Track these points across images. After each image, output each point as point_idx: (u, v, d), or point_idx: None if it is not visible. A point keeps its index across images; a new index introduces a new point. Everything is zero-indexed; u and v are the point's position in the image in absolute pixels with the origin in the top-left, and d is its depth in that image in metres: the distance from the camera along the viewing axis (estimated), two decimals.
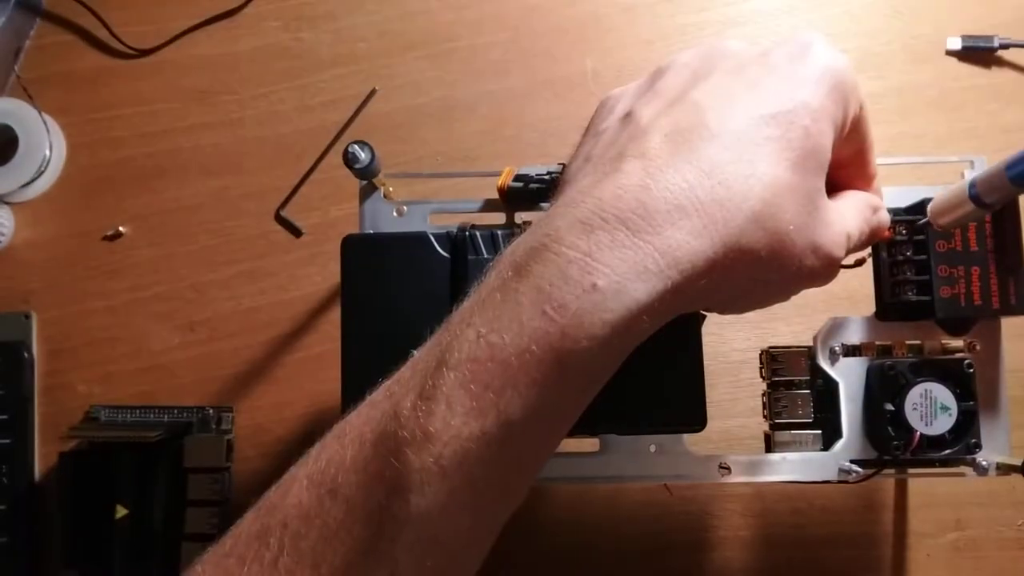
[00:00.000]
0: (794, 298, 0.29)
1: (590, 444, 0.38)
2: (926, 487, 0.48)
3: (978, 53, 0.53)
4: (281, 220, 0.53)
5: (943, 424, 0.36)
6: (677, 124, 0.27)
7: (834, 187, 0.31)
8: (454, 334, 0.25)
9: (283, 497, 0.25)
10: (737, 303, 0.29)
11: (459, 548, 0.25)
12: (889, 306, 0.38)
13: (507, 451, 0.24)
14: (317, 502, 0.25)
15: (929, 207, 0.35)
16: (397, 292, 0.27)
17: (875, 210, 0.32)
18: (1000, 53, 0.53)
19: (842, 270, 0.30)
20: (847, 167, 0.31)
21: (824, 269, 0.28)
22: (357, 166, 0.38)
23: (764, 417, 0.40)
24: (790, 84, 0.27)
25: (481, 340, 0.24)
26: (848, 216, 0.30)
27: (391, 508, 0.24)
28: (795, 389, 0.39)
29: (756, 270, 0.26)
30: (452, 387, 0.24)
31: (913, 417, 0.36)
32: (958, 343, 0.38)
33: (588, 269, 0.24)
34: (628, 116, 0.29)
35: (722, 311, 0.30)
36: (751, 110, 0.27)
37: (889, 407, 0.37)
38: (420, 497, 0.24)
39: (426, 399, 0.24)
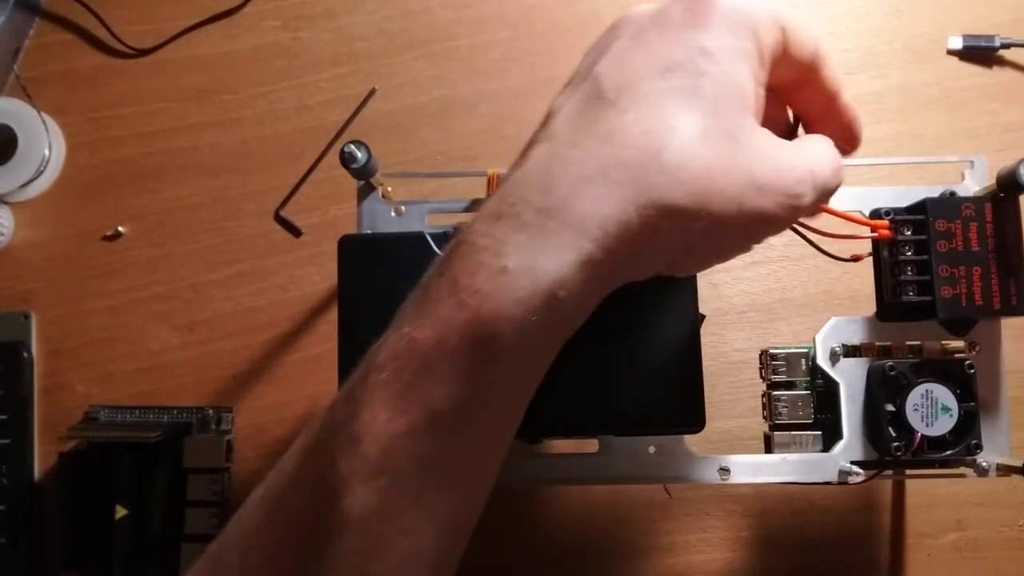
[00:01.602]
0: (795, 298, 0.29)
1: (589, 445, 0.38)
2: (926, 487, 0.48)
3: (979, 53, 0.53)
4: (280, 220, 0.53)
5: (944, 425, 0.36)
6: (579, 101, 0.27)
7: (808, 127, 0.31)
8: (385, 336, 0.26)
9: (238, 520, 0.26)
10: (685, 262, 0.28)
11: (410, 549, 0.25)
12: (890, 306, 0.38)
13: (440, 444, 0.25)
14: (265, 520, 0.26)
15: None
16: (395, 292, 0.27)
17: (831, 147, 0.30)
18: (1001, 52, 0.52)
19: (842, 270, 0.29)
20: (808, 101, 0.30)
21: (780, 207, 0.26)
22: (354, 166, 0.38)
23: (764, 418, 0.40)
24: (687, 34, 0.26)
25: (404, 338, 0.25)
26: (810, 152, 0.28)
27: (328, 516, 0.24)
28: (795, 390, 0.39)
29: (685, 225, 0.25)
30: (376, 387, 0.24)
31: (914, 418, 0.36)
32: (959, 343, 0.38)
33: (498, 253, 0.24)
34: (552, 102, 0.28)
35: (673, 272, 0.28)
36: (648, 68, 0.26)
37: (890, 408, 0.36)
38: (352, 500, 0.24)
39: (352, 403, 0.25)
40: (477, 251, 0.25)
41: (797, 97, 0.30)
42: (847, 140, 0.30)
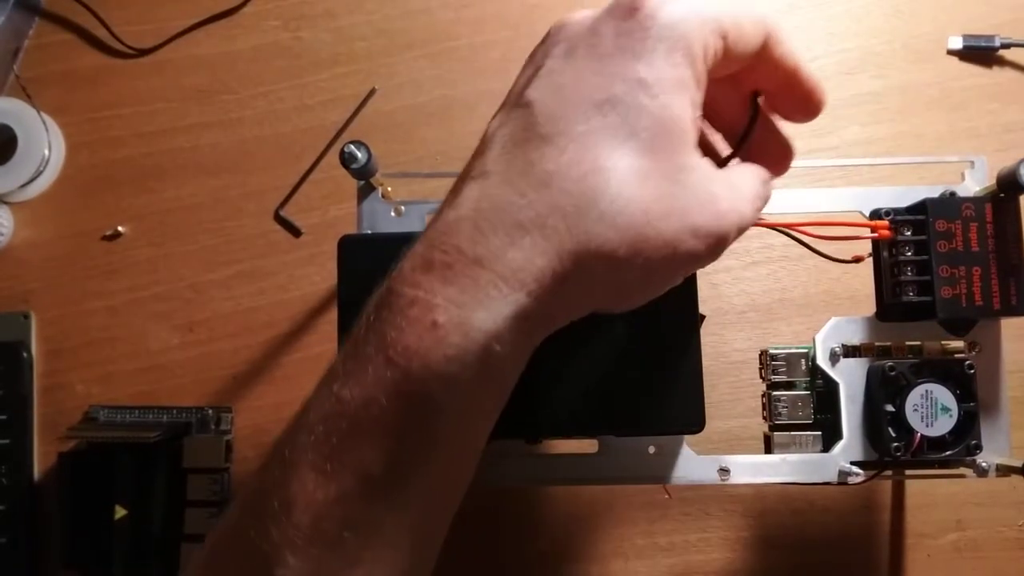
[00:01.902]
0: (795, 298, 0.29)
1: (589, 445, 0.38)
2: (926, 487, 0.48)
3: (979, 53, 0.53)
4: (280, 220, 0.53)
5: (944, 425, 0.36)
6: (512, 133, 0.25)
7: (769, 100, 0.30)
8: (315, 393, 0.25)
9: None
10: (621, 302, 0.27)
11: None
12: (890, 306, 0.38)
13: (376, 507, 0.24)
14: None
15: None
16: None
17: (764, 183, 0.29)
18: (1001, 52, 0.52)
19: (842, 270, 0.29)
20: (765, 80, 0.29)
21: (709, 250, 0.26)
22: (354, 166, 0.38)
23: (764, 418, 0.40)
24: (620, 60, 0.25)
25: (332, 397, 0.24)
26: (742, 191, 0.27)
27: None
28: (795, 390, 0.39)
29: (620, 271, 0.24)
30: (304, 449, 0.23)
31: (914, 418, 0.36)
32: (959, 344, 0.38)
33: (428, 307, 0.23)
34: (488, 125, 0.27)
35: (611, 311, 0.27)
36: (581, 102, 0.25)
37: (890, 408, 0.37)
38: (286, 571, 0.23)
39: (283, 465, 0.24)
40: (406, 304, 0.23)
41: (754, 78, 0.29)
42: (811, 109, 0.29)
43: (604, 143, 0.24)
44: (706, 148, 0.30)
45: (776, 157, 0.30)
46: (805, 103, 0.29)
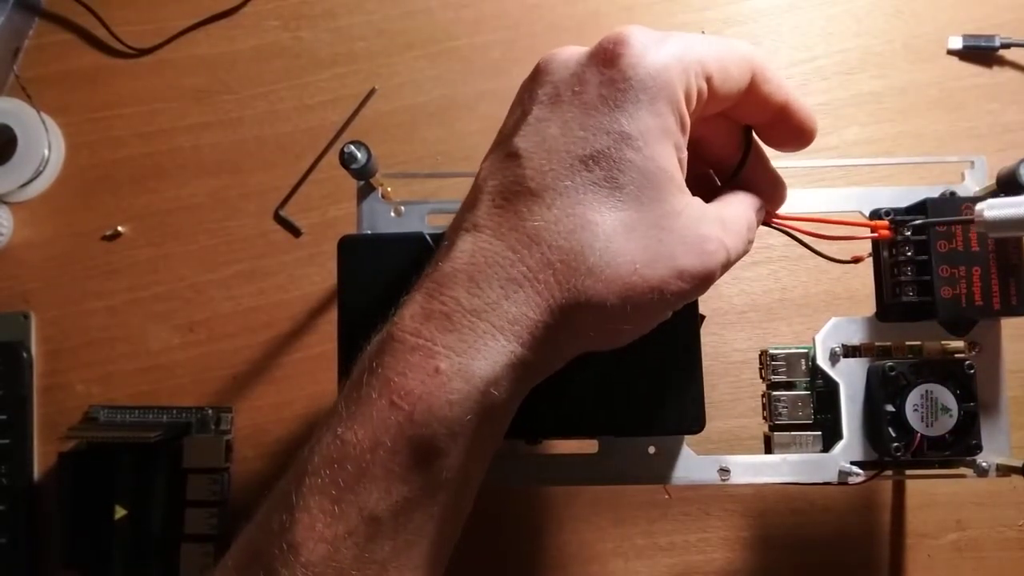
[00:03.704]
0: (795, 298, 0.29)
1: (589, 445, 0.38)
2: (926, 487, 0.48)
3: (979, 53, 0.53)
4: (280, 220, 0.53)
5: (944, 425, 0.36)
6: (502, 185, 0.26)
7: (761, 132, 0.30)
8: (318, 437, 0.25)
9: None
10: (612, 342, 0.28)
11: None
12: (890, 306, 0.38)
13: (383, 546, 0.24)
14: None
15: (986, 212, 0.31)
16: (394, 293, 0.27)
17: (757, 210, 0.30)
18: (1001, 53, 0.52)
19: (842, 270, 0.29)
20: (755, 114, 0.29)
21: (696, 289, 0.26)
22: (354, 166, 0.38)
23: (764, 418, 0.40)
24: (604, 112, 0.25)
25: (336, 440, 0.24)
26: (730, 224, 0.28)
27: None
28: (795, 390, 0.39)
29: (610, 319, 0.25)
30: (311, 492, 0.24)
31: (914, 418, 0.36)
32: (959, 344, 0.38)
33: (430, 354, 0.24)
34: (480, 169, 0.28)
35: (602, 349, 0.28)
36: (568, 156, 0.25)
37: (890, 408, 0.36)
38: None
39: (289, 509, 0.24)
40: (408, 350, 0.24)
41: (743, 113, 0.29)
42: (803, 140, 0.30)
43: (590, 198, 0.25)
44: (699, 179, 0.31)
45: (769, 189, 0.31)
46: (797, 135, 0.29)
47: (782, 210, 0.33)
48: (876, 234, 0.37)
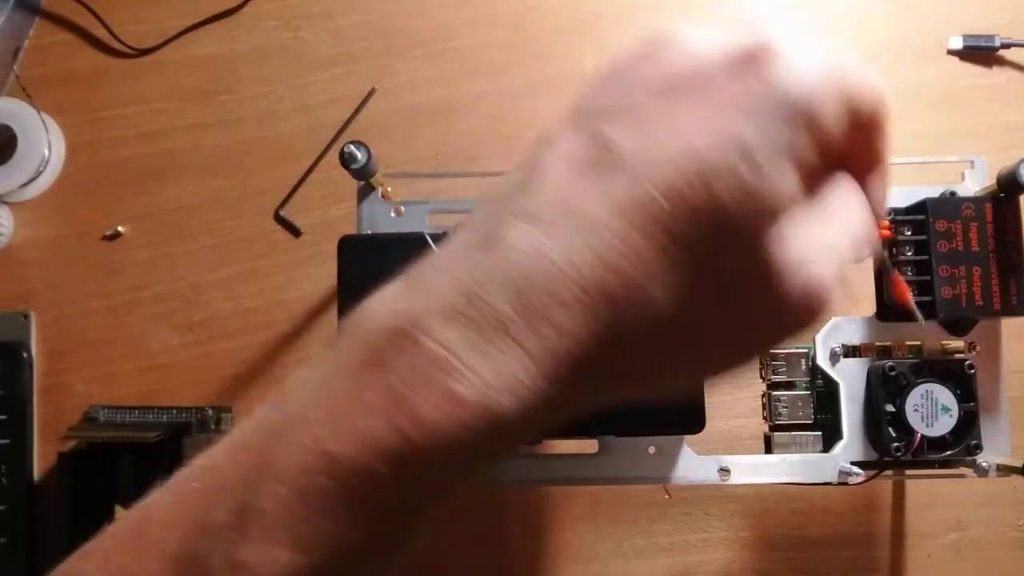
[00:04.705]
0: None
1: (589, 445, 0.38)
2: (927, 487, 0.48)
3: (979, 52, 0.52)
4: (280, 220, 0.53)
5: (944, 425, 0.36)
6: (578, 174, 0.21)
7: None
8: (290, 421, 0.20)
9: None
10: (665, 385, 0.23)
11: None
12: (890, 307, 0.38)
13: None
14: None
15: None
16: None
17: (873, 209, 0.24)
18: (1001, 52, 0.52)
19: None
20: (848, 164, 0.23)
21: (810, 317, 0.21)
22: (354, 166, 0.38)
23: (764, 418, 0.40)
24: (726, 116, 0.20)
25: (318, 447, 0.19)
26: (837, 230, 0.23)
27: None
28: (795, 390, 0.39)
29: (662, 356, 0.21)
30: (277, 506, 0.19)
31: (914, 418, 0.36)
32: (959, 344, 0.38)
33: (451, 372, 0.19)
34: (547, 141, 0.22)
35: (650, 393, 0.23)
36: (667, 162, 0.20)
37: (890, 408, 0.37)
38: None
39: (243, 516, 0.19)
40: (428, 360, 0.19)
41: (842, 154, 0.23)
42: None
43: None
44: None
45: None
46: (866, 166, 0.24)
47: None
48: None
